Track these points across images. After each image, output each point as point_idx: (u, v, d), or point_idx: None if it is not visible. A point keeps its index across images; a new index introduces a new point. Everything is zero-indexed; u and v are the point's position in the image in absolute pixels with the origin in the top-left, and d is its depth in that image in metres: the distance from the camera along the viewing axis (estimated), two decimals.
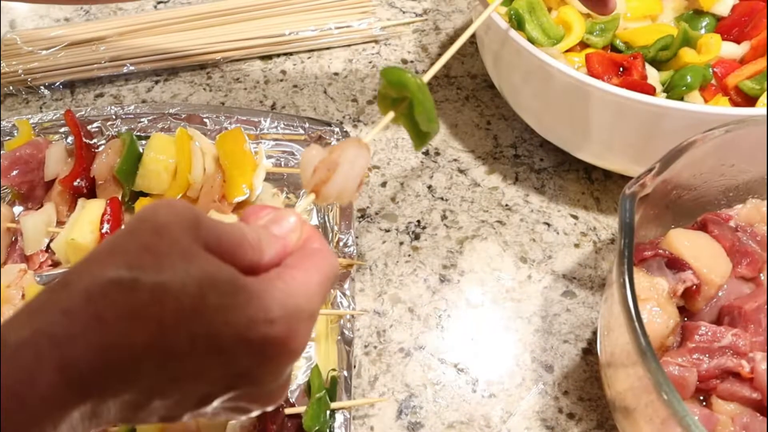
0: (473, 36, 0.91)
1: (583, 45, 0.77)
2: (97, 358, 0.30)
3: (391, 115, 0.48)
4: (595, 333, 0.66)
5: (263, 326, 0.33)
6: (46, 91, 0.89)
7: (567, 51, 0.76)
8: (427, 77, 0.49)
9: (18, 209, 0.74)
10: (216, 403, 0.35)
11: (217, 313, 0.32)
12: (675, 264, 0.57)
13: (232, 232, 0.35)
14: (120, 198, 0.71)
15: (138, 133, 0.77)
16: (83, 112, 0.79)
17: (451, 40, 0.92)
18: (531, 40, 0.67)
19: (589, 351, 0.65)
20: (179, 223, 0.33)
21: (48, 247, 0.70)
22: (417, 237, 0.72)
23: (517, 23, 0.74)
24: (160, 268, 0.31)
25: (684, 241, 0.59)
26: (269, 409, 0.38)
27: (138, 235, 0.33)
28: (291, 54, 0.91)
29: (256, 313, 0.33)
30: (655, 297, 0.56)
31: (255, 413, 0.38)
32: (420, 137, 0.49)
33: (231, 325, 0.32)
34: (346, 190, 0.42)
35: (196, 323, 0.31)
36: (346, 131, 0.77)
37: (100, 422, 0.33)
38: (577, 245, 0.72)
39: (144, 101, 0.87)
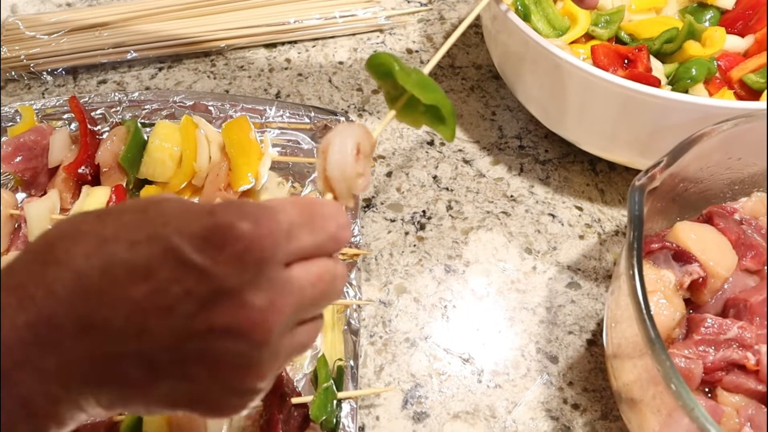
0: (478, 26, 0.91)
1: (588, 37, 0.77)
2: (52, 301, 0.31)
3: (393, 113, 0.47)
4: (599, 324, 0.66)
5: (204, 217, 0.32)
6: (49, 77, 0.88)
7: (572, 43, 0.76)
8: (427, 69, 0.48)
9: (21, 196, 0.74)
10: (189, 324, 0.32)
11: (156, 219, 0.33)
12: (682, 256, 0.58)
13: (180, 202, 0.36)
14: (124, 185, 0.71)
15: (142, 121, 0.77)
16: (86, 99, 0.79)
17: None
18: (536, 32, 0.67)
19: (594, 342, 0.65)
20: (157, 197, 0.35)
21: None
22: (422, 227, 0.72)
23: (523, 14, 0.74)
24: (164, 223, 0.32)
25: (691, 234, 0.59)
26: (261, 330, 0.33)
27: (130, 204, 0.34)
28: (295, 42, 0.91)
29: (196, 210, 0.33)
30: (662, 289, 0.56)
31: (265, 345, 0.34)
32: (442, 122, 0.47)
33: (171, 224, 0.32)
34: (346, 167, 0.42)
35: (134, 230, 0.32)
36: (351, 121, 0.77)
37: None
38: (581, 237, 0.72)
39: (147, 88, 0.86)
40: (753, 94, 0.71)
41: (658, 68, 0.73)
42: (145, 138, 0.73)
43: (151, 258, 0.31)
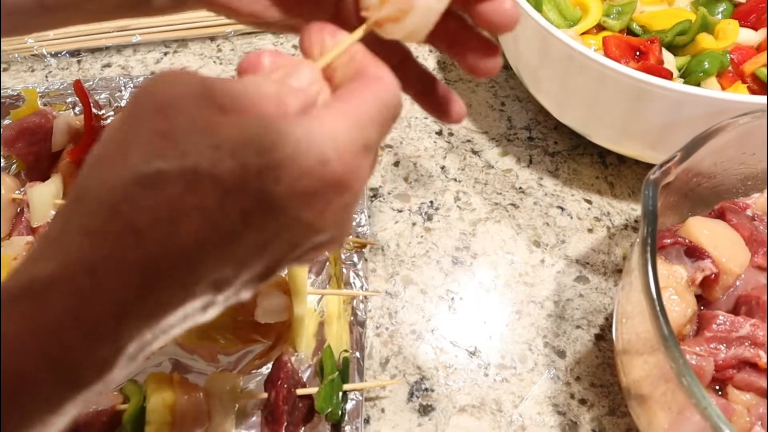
0: None
1: (600, 28, 0.76)
2: (143, 276, 0.27)
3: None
4: (607, 319, 0.65)
5: (318, 170, 0.29)
6: (52, 60, 0.87)
7: (583, 33, 0.75)
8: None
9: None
10: (285, 263, 0.32)
11: (262, 177, 0.28)
12: (694, 252, 0.57)
13: (246, 89, 0.30)
14: None
15: None
16: (91, 83, 0.78)
17: None
18: (548, 21, 0.66)
19: (602, 337, 0.64)
20: (185, 94, 0.28)
21: None
22: (430, 218, 0.72)
23: (535, 3, 0.73)
24: (182, 152, 0.27)
25: (703, 230, 0.58)
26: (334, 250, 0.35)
27: (143, 122, 0.28)
28: None
29: (306, 158, 0.29)
30: (674, 285, 0.56)
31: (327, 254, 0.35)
32: None
33: (282, 182, 0.28)
34: (416, 34, 0.36)
35: (242, 197, 0.28)
36: None
37: (163, 339, 0.30)
38: (590, 230, 0.71)
39: (153, 73, 0.85)
40: (765, 88, 0.70)
41: (670, 61, 0.72)
42: None
43: (264, 226, 0.29)
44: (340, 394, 0.56)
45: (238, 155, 0.27)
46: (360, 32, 0.36)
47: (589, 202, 0.73)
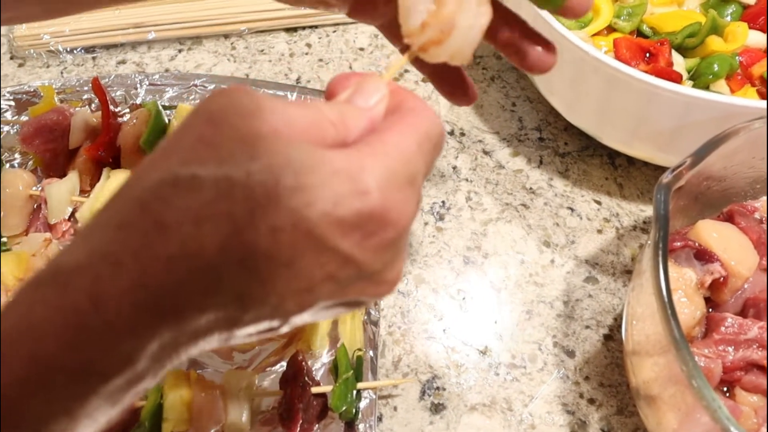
0: None
1: (610, 29, 0.77)
2: (165, 272, 0.27)
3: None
4: (616, 319, 0.66)
5: (354, 199, 0.28)
6: (68, 56, 0.88)
7: (594, 35, 0.76)
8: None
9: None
10: (322, 300, 0.31)
11: (296, 196, 0.27)
12: (703, 255, 0.58)
13: (305, 113, 0.30)
14: None
15: (163, 103, 0.77)
16: (106, 80, 0.78)
17: None
18: (559, 23, 0.66)
19: (611, 337, 0.65)
20: (236, 107, 0.29)
21: (72, 216, 0.70)
22: (441, 218, 0.72)
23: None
24: (220, 159, 0.28)
25: (712, 233, 0.59)
26: (385, 297, 0.34)
27: (191, 129, 0.29)
28: (316, 27, 0.90)
29: (343, 185, 0.28)
30: (683, 287, 0.56)
31: (371, 303, 0.35)
32: None
33: (315, 206, 0.28)
34: (461, 54, 0.36)
35: (273, 213, 0.27)
36: None
37: (190, 348, 0.30)
38: (599, 231, 0.72)
39: (167, 70, 0.86)
40: None
41: (680, 63, 0.73)
42: (167, 121, 0.73)
43: (294, 246, 0.28)
44: (354, 392, 0.57)
45: (274, 171, 0.27)
46: (406, 58, 0.37)
47: (598, 202, 0.74)
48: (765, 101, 0.63)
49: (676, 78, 0.68)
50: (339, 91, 0.35)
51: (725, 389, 0.55)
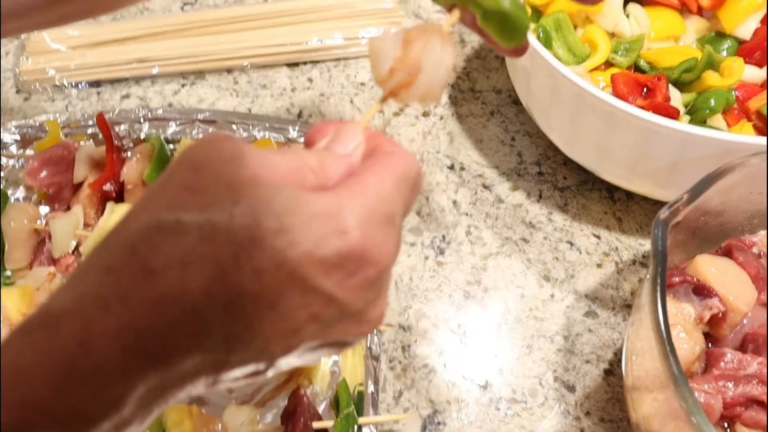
0: None
1: (608, 64, 0.78)
2: (152, 315, 0.28)
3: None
4: (616, 354, 0.66)
5: (335, 239, 0.29)
6: (73, 90, 0.89)
7: (592, 70, 0.77)
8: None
9: (44, 210, 0.75)
10: (307, 341, 0.32)
11: (278, 237, 0.28)
12: (702, 290, 0.58)
13: (285, 159, 0.31)
14: None
15: (165, 137, 0.78)
16: (111, 114, 0.79)
17: (477, 53, 0.92)
18: (557, 58, 0.68)
19: (611, 372, 0.65)
20: (219, 154, 0.30)
21: (76, 249, 0.71)
22: (442, 252, 0.73)
23: (544, 40, 0.75)
24: (203, 204, 0.29)
25: (711, 268, 0.59)
26: (367, 336, 0.35)
27: (176, 176, 0.30)
28: (317, 62, 0.91)
29: (324, 225, 0.29)
30: (682, 323, 0.57)
31: (355, 343, 0.35)
32: (507, 29, 0.42)
33: (298, 246, 0.29)
34: (431, 95, 0.38)
35: (256, 255, 0.28)
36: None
37: (177, 393, 0.30)
38: (599, 265, 0.72)
39: (170, 104, 0.87)
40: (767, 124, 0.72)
41: (677, 98, 0.74)
42: (170, 155, 0.73)
43: (278, 286, 0.29)
44: (356, 427, 0.57)
45: (256, 214, 0.28)
46: (377, 105, 0.38)
47: (597, 237, 0.75)
48: (760, 138, 0.64)
49: (674, 113, 0.68)
50: (318, 139, 0.36)
51: (726, 425, 0.55)
